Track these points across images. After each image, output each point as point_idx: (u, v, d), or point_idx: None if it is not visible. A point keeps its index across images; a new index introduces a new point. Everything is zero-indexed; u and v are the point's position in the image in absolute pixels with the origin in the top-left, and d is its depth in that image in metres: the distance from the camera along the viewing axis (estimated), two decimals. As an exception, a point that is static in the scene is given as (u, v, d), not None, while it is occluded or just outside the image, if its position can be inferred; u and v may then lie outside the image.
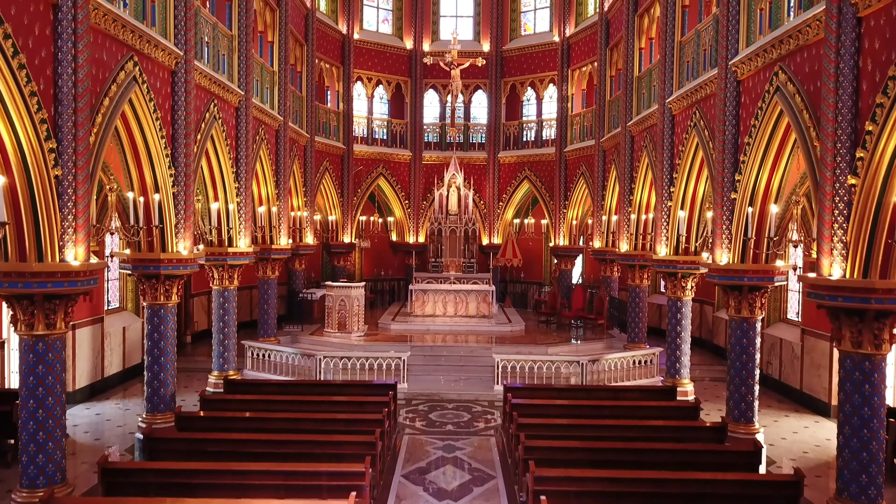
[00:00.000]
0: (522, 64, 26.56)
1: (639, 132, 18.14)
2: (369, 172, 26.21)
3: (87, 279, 8.59)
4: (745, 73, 11.40)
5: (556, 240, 25.28)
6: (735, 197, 11.65)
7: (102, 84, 9.48)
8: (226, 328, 15.49)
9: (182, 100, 11.81)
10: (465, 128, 27.30)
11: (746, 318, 11.79)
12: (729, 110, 11.79)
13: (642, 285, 18.71)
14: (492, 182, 27.05)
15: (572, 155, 24.56)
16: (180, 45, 11.77)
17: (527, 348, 18.22)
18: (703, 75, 13.58)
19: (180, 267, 11.81)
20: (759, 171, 11.13)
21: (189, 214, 12.06)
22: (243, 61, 15.35)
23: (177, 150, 11.79)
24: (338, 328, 19.33)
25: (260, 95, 17.39)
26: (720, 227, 11.99)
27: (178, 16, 11.72)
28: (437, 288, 22.58)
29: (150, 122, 10.87)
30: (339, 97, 25.21)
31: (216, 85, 13.78)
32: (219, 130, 14.04)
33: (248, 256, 15.49)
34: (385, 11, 26.85)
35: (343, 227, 25.24)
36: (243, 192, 15.37)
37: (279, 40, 18.68)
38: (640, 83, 18.47)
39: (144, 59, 10.73)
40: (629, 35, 18.87)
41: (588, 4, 24.53)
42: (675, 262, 15.04)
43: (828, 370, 15.10)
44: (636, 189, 18.26)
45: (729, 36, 11.80)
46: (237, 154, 15.27)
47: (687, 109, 14.37)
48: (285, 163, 18.91)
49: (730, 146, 11.78)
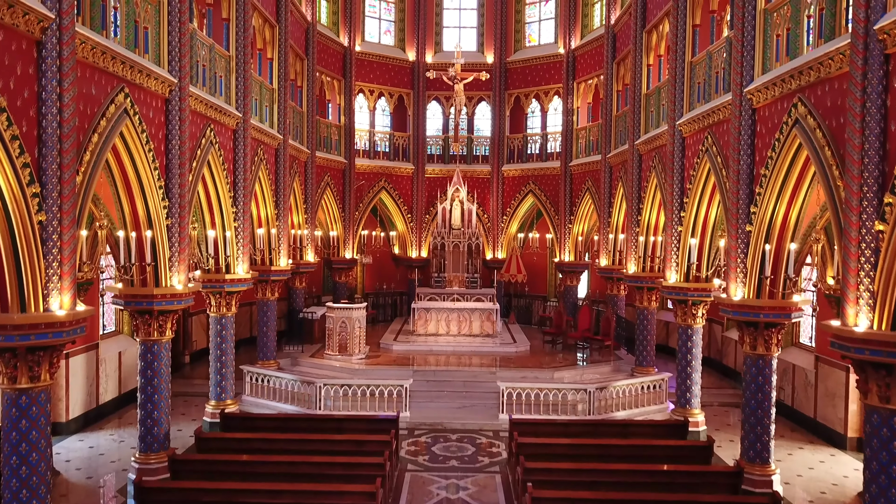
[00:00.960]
0: (527, 76, 26.12)
1: (647, 151, 17.69)
2: (371, 186, 25.78)
3: (73, 328, 8.17)
4: (760, 101, 10.95)
5: (562, 255, 24.83)
6: (750, 229, 11.20)
7: (91, 120, 9.07)
8: (223, 356, 15.08)
9: (176, 129, 11.39)
10: (469, 140, 26.86)
11: (762, 356, 11.35)
12: (744, 139, 11.34)
13: (650, 307, 18.26)
14: (495, 196, 26.61)
15: (578, 169, 24.11)
16: (174, 72, 11.36)
17: (532, 373, 17.79)
18: (715, 99, 13.14)
19: (174, 302, 11.40)
20: (776, 205, 10.68)
21: (183, 247, 11.65)
22: (241, 82, 14.94)
23: (171, 180, 11.37)
24: (338, 350, 18.91)
25: (259, 114, 16.97)
26: (734, 261, 11.54)
27: (171, 42, 11.30)
28: (440, 306, 22.16)
29: (143, 155, 10.47)
30: (341, 110, 24.80)
31: (213, 109, 13.37)
32: (215, 155, 13.63)
33: (245, 283, 15.07)
34: (387, 23, 26.43)
35: (344, 243, 24.83)
36: (241, 217, 14.96)
37: (279, 57, 18.27)
38: (648, 101, 18.02)
39: (136, 90, 10.32)
40: (637, 51, 18.43)
41: (594, 17, 24.08)
42: (685, 290, 14.59)
43: (843, 400, 14.65)
44: (644, 209, 17.81)
45: (744, 62, 11.35)
46: (235, 178, 14.86)
47: (698, 133, 13.93)
48: (285, 182, 18.49)
49: (744, 176, 11.33)
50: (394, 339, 21.32)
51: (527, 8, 26.42)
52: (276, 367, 18.52)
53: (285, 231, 18.36)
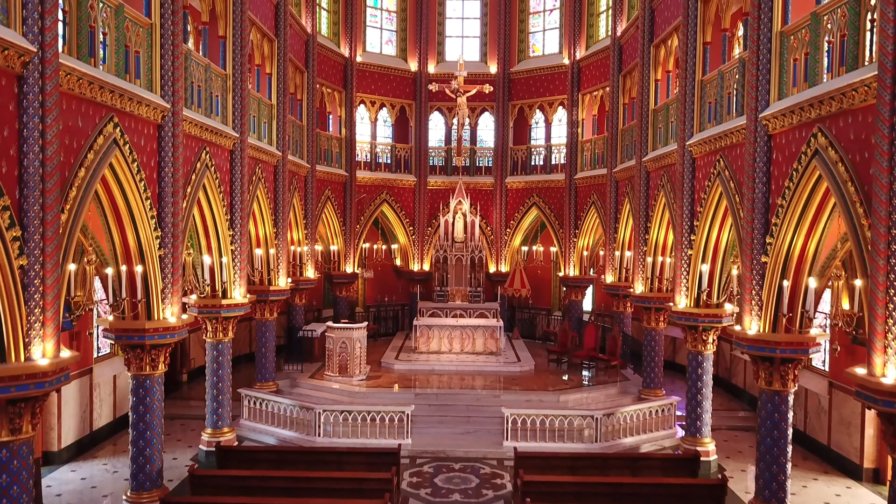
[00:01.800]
0: (531, 86, 25.69)
1: (655, 169, 17.25)
2: (372, 199, 25.37)
3: (56, 377, 7.76)
4: (776, 128, 10.51)
5: (566, 269, 24.39)
6: (766, 260, 10.75)
7: (77, 154, 8.66)
8: (220, 383, 14.67)
9: (169, 156, 10.98)
10: (472, 152, 26.43)
11: (778, 392, 10.89)
12: (759, 166, 10.89)
13: (658, 328, 17.83)
14: (499, 208, 26.18)
15: (583, 182, 23.68)
16: (167, 96, 10.94)
17: (537, 395, 17.36)
18: (728, 121, 12.69)
19: (167, 335, 10.98)
20: (793, 237, 10.23)
21: (177, 278, 11.23)
22: (238, 101, 14.53)
23: (163, 209, 10.96)
24: (339, 371, 18.49)
25: (257, 132, 16.57)
26: (749, 293, 11.10)
27: (164, 66, 10.88)
28: (443, 323, 21.74)
29: (133, 185, 10.06)
30: (342, 122, 24.38)
31: (208, 131, 12.96)
32: (211, 179, 13.22)
33: (242, 307, 14.66)
34: (389, 33, 26.02)
35: (345, 257, 24.41)
36: (238, 240, 14.54)
37: (277, 72, 17.86)
38: (655, 116, 17.57)
39: (126, 118, 9.91)
40: (644, 65, 17.98)
41: (599, 28, 23.65)
42: (695, 315, 14.16)
43: (859, 429, 14.20)
44: (652, 228, 17.36)
45: (759, 86, 10.90)
46: (232, 200, 14.45)
47: (710, 155, 13.48)
48: (284, 199, 18.08)
49: (759, 205, 10.88)
50: (395, 358, 20.89)
51: (531, 18, 26.00)
52: (274, 388, 18.14)
53: (284, 250, 17.95)
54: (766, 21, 10.82)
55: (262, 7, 16.78)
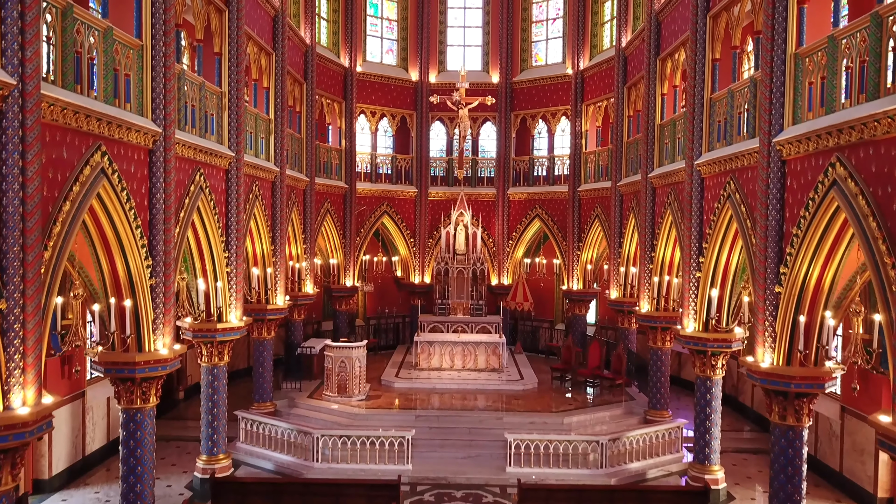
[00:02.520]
0: (533, 96, 25.30)
1: (661, 186, 16.85)
2: (373, 211, 24.98)
3: (38, 425, 7.38)
4: (791, 153, 10.11)
5: (570, 283, 23.99)
6: (779, 290, 10.36)
7: (62, 186, 8.27)
8: (215, 408, 14.29)
9: (161, 182, 10.59)
10: (473, 162, 26.04)
11: (792, 427, 10.49)
12: (772, 192, 10.50)
13: (664, 348, 17.44)
14: (501, 219, 25.79)
15: (586, 195, 23.28)
16: (159, 120, 10.56)
17: (540, 417, 16.96)
18: (739, 143, 12.30)
19: (159, 368, 10.59)
20: (809, 267, 9.83)
21: (169, 308, 10.85)
22: (234, 119, 14.14)
23: (155, 237, 10.57)
24: (338, 391, 18.10)
25: (254, 148, 16.19)
26: (762, 323, 10.70)
27: (156, 89, 10.50)
28: (444, 339, 21.35)
29: (122, 215, 9.67)
30: (341, 133, 24.00)
31: (202, 152, 12.58)
32: (206, 201, 12.84)
33: (239, 331, 14.29)
34: (389, 42, 25.64)
35: (345, 270, 24.01)
36: (234, 262, 14.17)
37: (275, 86, 17.47)
38: (662, 131, 17.17)
39: (115, 145, 9.53)
40: (650, 78, 17.58)
41: (603, 37, 23.26)
42: (704, 340, 13.77)
43: (873, 457, 13.79)
44: (658, 246, 16.96)
45: (772, 109, 10.51)
46: (227, 220, 14.07)
47: (719, 176, 13.09)
48: (282, 216, 17.70)
49: (773, 233, 10.49)
50: (395, 375, 20.50)
51: (533, 27, 25.61)
52: (272, 409, 17.77)
53: (282, 267, 17.57)
54: (779, 42, 10.43)
55: (260, 21, 16.41)
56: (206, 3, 13.11)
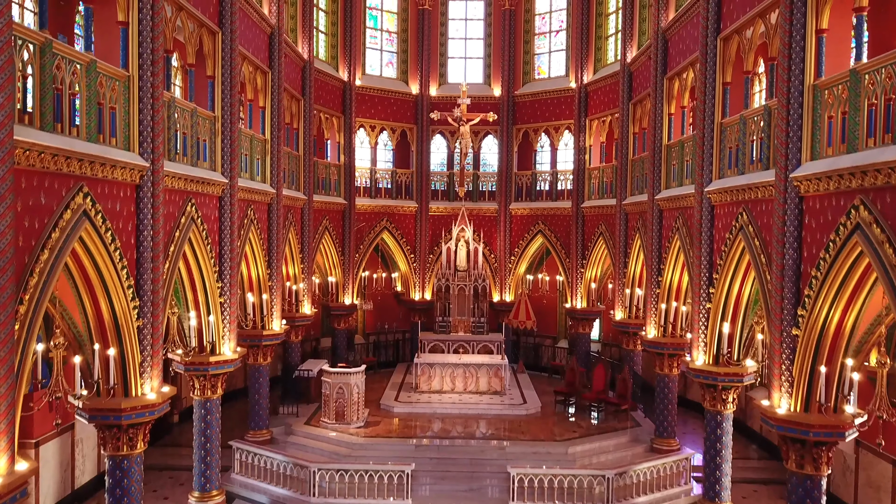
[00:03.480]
0: (536, 110, 24.81)
1: (669, 209, 16.36)
2: (372, 227, 24.50)
3: (11, 495, 6.90)
4: (810, 191, 9.62)
5: (573, 301, 23.49)
6: (797, 333, 9.87)
7: (39, 235, 7.79)
8: (208, 443, 13.82)
9: (148, 218, 10.12)
10: (475, 177, 25.56)
11: (811, 476, 10.00)
12: (789, 230, 10.01)
13: (671, 374, 16.95)
14: (503, 235, 25.30)
15: (590, 211, 22.79)
16: (146, 154, 10.08)
17: (544, 447, 16.48)
18: (752, 172, 11.82)
19: (146, 413, 10.11)
20: (829, 311, 9.35)
21: (157, 350, 10.37)
22: (227, 144, 13.66)
23: (142, 276, 10.10)
24: (335, 418, 17.61)
25: (249, 171, 15.72)
26: (778, 367, 10.21)
27: (143, 121, 10.02)
28: (445, 361, 20.86)
29: (106, 257, 9.19)
30: (340, 148, 23.51)
31: (194, 182, 12.10)
32: (197, 231, 12.36)
33: (232, 363, 13.80)
34: (389, 54, 25.15)
35: (343, 288, 23.52)
36: (228, 292, 13.69)
37: (271, 105, 16.99)
38: (669, 152, 16.69)
39: (99, 185, 9.05)
40: (657, 97, 17.08)
41: (608, 51, 22.77)
42: (715, 374, 13.27)
43: (889, 494, 13.30)
44: (666, 270, 16.48)
45: (789, 143, 10.02)
46: (221, 249, 13.59)
47: (731, 205, 12.60)
48: (278, 238, 17.22)
49: (790, 273, 10.00)
50: (395, 399, 20.00)
51: (536, 39, 25.13)
52: (268, 437, 17.30)
53: (278, 291, 17.10)
54: (796, 73, 9.93)
55: (255, 40, 15.94)
56: (198, 26, 12.63)
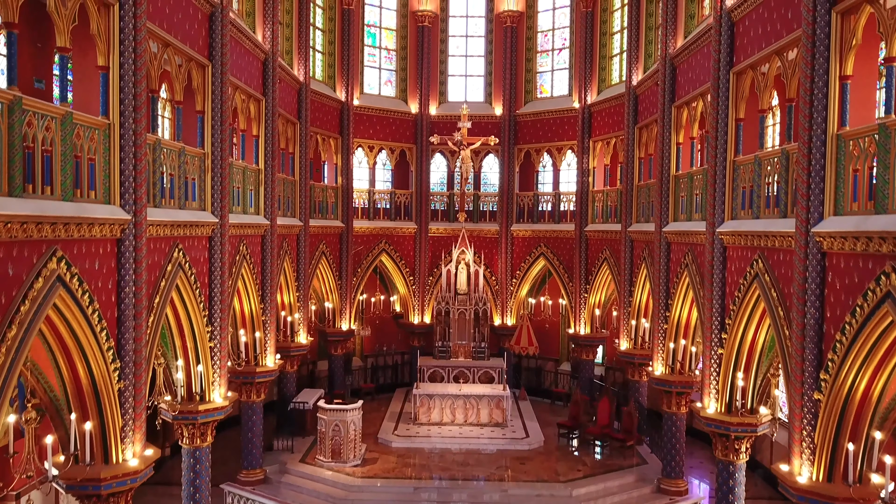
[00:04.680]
0: (538, 130, 24.23)
1: (677, 243, 15.77)
2: (370, 249, 23.91)
3: None
4: (834, 248, 9.03)
5: (577, 326, 22.90)
6: (819, 398, 9.28)
7: (6, 309, 7.20)
8: (197, 493, 13.23)
9: (130, 273, 9.53)
10: (476, 197, 24.97)
11: (833, 549, 9.41)
12: (810, 287, 9.43)
13: (679, 413, 16.36)
14: (504, 257, 24.70)
15: (594, 236, 22.21)
16: (128, 206, 9.49)
17: (547, 488, 15.93)
18: (768, 218, 11.24)
19: (127, 481, 9.52)
20: (855, 378, 8.76)
21: (140, 412, 9.79)
22: (218, 181, 13.07)
23: (123, 335, 9.50)
24: (331, 456, 17.03)
25: (242, 203, 15.14)
26: (798, 432, 9.62)
27: (125, 171, 9.41)
28: (445, 392, 20.29)
29: (83, 321, 8.60)
30: (338, 170, 22.92)
31: (181, 227, 11.51)
32: (185, 278, 11.78)
33: (223, 410, 13.19)
34: (388, 72, 24.57)
35: (340, 314, 22.93)
36: (218, 335, 13.10)
37: (265, 133, 16.39)
38: (677, 183, 16.10)
39: (75, 245, 8.46)
40: (664, 124, 16.49)
41: (612, 71, 22.18)
42: (727, 424, 12.68)
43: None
44: (674, 306, 15.89)
45: (810, 195, 9.43)
46: (210, 292, 13.00)
47: (745, 250, 12.01)
48: (272, 271, 16.62)
49: (811, 334, 9.41)
50: (393, 432, 19.40)
51: (538, 57, 24.53)
52: (261, 476, 16.75)
53: (272, 327, 16.52)
54: (818, 120, 9.34)
55: (248, 67, 15.36)
56: (186, 60, 12.04)
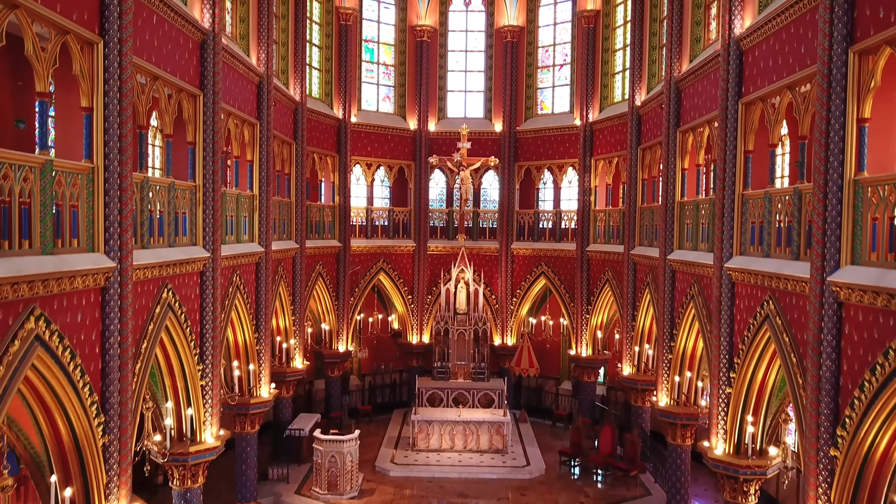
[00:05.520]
0: (538, 147, 23.83)
1: (683, 273, 15.37)
2: (368, 269, 23.50)
3: None
4: (851, 299, 8.63)
5: (578, 348, 22.48)
6: (836, 455, 8.88)
7: (-21, 378, 6.79)
8: (188, 537, 12.80)
9: (115, 323, 9.10)
10: (475, 214, 24.55)
11: None
12: (826, 339, 9.01)
13: (684, 445, 15.95)
14: (504, 275, 24.28)
15: (596, 256, 21.80)
16: (114, 252, 9.07)
17: (549, 524, 15.52)
18: (779, 258, 10.86)
19: (112, 541, 9.11)
20: (875, 438, 8.35)
21: (125, 467, 9.37)
22: (210, 213, 12.65)
23: (108, 388, 9.08)
24: (327, 488, 16.64)
25: (236, 232, 14.72)
26: (814, 489, 9.22)
27: (110, 216, 9.00)
28: (444, 418, 19.88)
29: (63, 378, 8.17)
30: (335, 189, 22.49)
31: (170, 266, 11.09)
32: (175, 318, 11.36)
33: (215, 450, 12.77)
34: (386, 88, 24.16)
35: (337, 335, 22.51)
36: (210, 373, 12.69)
37: (260, 158, 15.97)
38: (682, 210, 15.70)
39: (56, 300, 8.04)
40: (669, 148, 16.08)
41: (615, 88, 21.78)
42: (736, 466, 12.26)
43: None
44: (679, 337, 15.49)
45: (826, 241, 9.02)
46: (202, 328, 12.58)
47: (755, 289, 11.60)
48: (267, 298, 16.21)
49: (827, 387, 9.00)
50: (391, 460, 18.99)
51: (539, 72, 24.13)
52: (256, 510, 16.31)
53: (266, 357, 16.10)
54: (834, 164, 8.94)
55: (242, 92, 14.94)
56: (176, 91, 11.62)
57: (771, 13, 11.10)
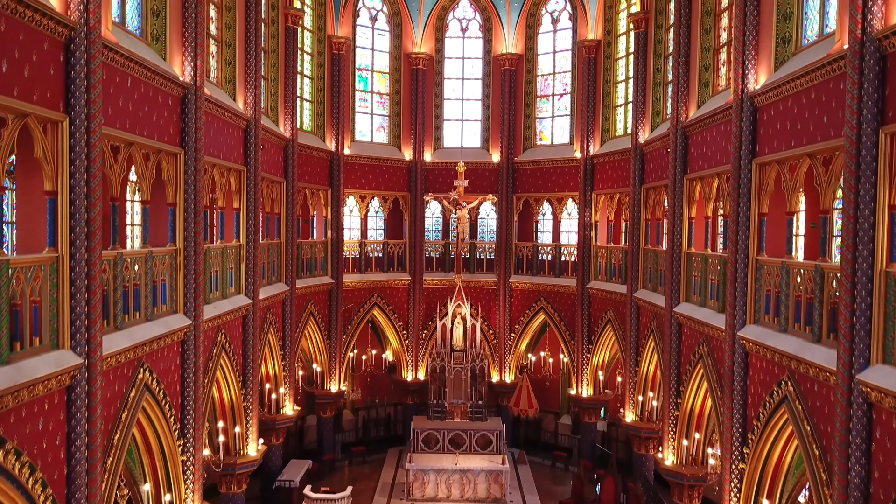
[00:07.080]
0: (538, 179, 23.12)
1: (690, 328, 14.67)
2: (361, 304, 22.75)
3: None
4: (883, 403, 7.93)
5: (579, 388, 21.78)
6: (865, 568, 8.20)
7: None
8: None
9: (82, 424, 8.33)
10: (472, 246, 23.84)
11: None
12: (855, 442, 8.33)
13: (691, 505, 15.27)
14: (503, 310, 23.56)
15: (597, 294, 21.10)
16: (81, 347, 8.33)
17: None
18: (797, 334, 10.20)
19: None
20: (909, 558, 7.68)
21: (94, 578, 8.62)
22: (191, 278, 11.90)
23: (74, 495, 8.33)
24: (319, 548, 15.91)
25: (221, 288, 13.98)
26: None
27: (76, 307, 8.26)
28: (440, 467, 19.11)
29: (21, 500, 7.43)
30: (327, 223, 21.74)
31: (146, 346, 10.34)
32: (152, 397, 10.61)
33: (197, 527, 12.06)
34: (380, 118, 23.43)
35: (329, 375, 21.75)
36: (191, 447, 11.93)
37: (247, 206, 15.23)
38: (690, 261, 15.01)
39: (11, 414, 7.27)
40: (675, 195, 15.41)
41: (616, 121, 21.09)
42: (750, 548, 11.59)
43: None
44: (686, 395, 14.80)
45: (854, 336, 8.34)
46: (183, 401, 11.83)
47: (772, 364, 10.89)
48: (254, 352, 15.46)
49: (856, 494, 8.31)
50: (385, 511, 18.29)
51: (538, 101, 23.43)
52: (243, 572, 15.57)
53: (254, 415, 15.37)
54: (864, 253, 8.24)
55: (228, 140, 14.20)
56: (154, 153, 10.87)
57: (790, 74, 10.42)
